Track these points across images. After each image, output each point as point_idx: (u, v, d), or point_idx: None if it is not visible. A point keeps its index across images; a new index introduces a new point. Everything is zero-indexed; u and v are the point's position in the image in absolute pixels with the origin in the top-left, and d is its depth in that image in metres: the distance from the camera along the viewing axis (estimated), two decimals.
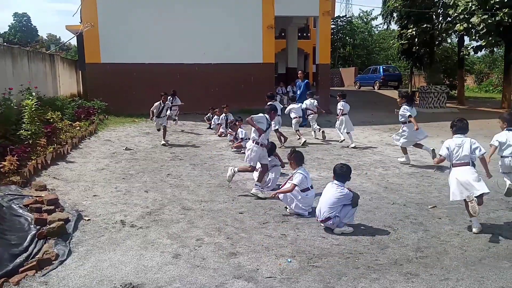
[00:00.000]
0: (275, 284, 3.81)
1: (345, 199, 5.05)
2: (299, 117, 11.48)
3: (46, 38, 58.83)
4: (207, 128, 13.57)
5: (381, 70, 32.17)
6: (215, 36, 16.81)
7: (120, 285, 3.77)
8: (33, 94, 9.98)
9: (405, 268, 4.12)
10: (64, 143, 9.21)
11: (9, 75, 11.46)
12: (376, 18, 51.02)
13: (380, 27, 50.25)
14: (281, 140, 10.43)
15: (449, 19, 21.45)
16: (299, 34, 27.80)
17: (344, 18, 45.37)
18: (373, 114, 17.32)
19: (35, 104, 8.70)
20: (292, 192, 5.58)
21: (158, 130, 11.28)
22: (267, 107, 6.99)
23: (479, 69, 38.17)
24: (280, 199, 5.72)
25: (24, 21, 56.73)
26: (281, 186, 5.96)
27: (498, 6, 17.64)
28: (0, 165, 6.50)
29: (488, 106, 22.36)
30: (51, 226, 4.71)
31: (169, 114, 12.30)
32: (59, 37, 62.47)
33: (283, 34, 26.92)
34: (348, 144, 10.50)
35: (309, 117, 11.83)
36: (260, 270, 4.07)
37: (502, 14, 17.32)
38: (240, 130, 10.29)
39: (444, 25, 22.96)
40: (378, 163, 8.74)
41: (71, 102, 13.87)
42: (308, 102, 11.68)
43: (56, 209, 5.40)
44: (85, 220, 5.29)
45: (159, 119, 10.93)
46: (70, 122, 11.26)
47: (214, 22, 16.74)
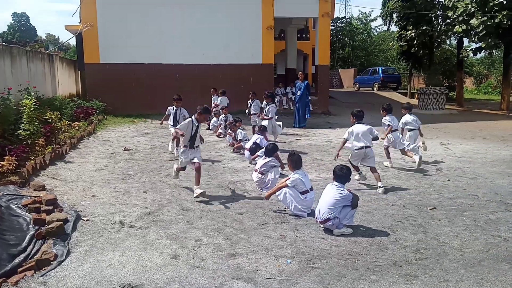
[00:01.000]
0: (275, 285, 3.80)
1: (345, 201, 5.04)
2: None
3: (45, 38, 58.82)
4: (206, 129, 13.55)
5: (380, 72, 32.19)
6: (215, 37, 16.81)
7: (119, 286, 3.75)
8: (32, 94, 9.95)
9: (405, 270, 4.12)
10: (63, 143, 9.19)
11: (8, 75, 11.44)
12: (375, 20, 51.25)
13: (379, 29, 50.37)
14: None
15: (449, 21, 21.52)
16: (299, 35, 27.80)
17: (344, 20, 45.41)
18: (372, 116, 17.32)
19: (34, 104, 8.67)
20: (291, 194, 5.57)
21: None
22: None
23: (478, 71, 38.30)
24: (280, 200, 5.72)
25: (23, 21, 56.80)
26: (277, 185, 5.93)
27: (498, 8, 17.71)
28: None
29: (487, 108, 22.43)
30: (50, 227, 4.70)
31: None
32: (58, 37, 62.54)
33: (283, 35, 26.92)
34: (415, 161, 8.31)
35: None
36: (260, 271, 4.06)
37: (501, 16, 17.38)
38: (239, 131, 10.28)
39: (444, 27, 23.04)
40: (377, 165, 8.71)
41: (70, 102, 13.83)
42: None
43: (55, 209, 5.38)
44: (84, 221, 5.28)
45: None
46: (69, 122, 11.22)
47: (214, 23, 16.73)
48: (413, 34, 24.09)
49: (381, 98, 26.85)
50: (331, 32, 34.74)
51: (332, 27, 40.50)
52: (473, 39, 19.41)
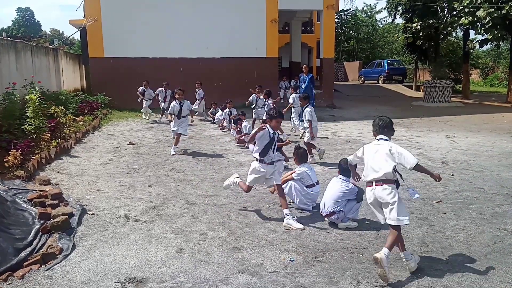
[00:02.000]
0: (279, 279, 3.80)
1: (350, 194, 5.03)
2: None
3: (50, 33, 58.97)
4: (211, 123, 13.56)
5: (386, 64, 31.98)
6: (219, 30, 16.75)
7: (124, 279, 3.77)
8: (37, 89, 9.99)
9: None
10: (68, 138, 9.22)
11: (13, 70, 11.46)
12: (380, 12, 50.77)
13: (385, 21, 49.95)
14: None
15: (454, 13, 21.30)
16: (303, 28, 27.64)
17: (348, 12, 45.04)
18: (377, 109, 17.23)
19: (39, 99, 8.70)
20: (297, 187, 5.56)
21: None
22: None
23: (484, 63, 37.95)
24: (285, 193, 5.70)
25: (28, 16, 56.82)
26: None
27: None
28: (4, 160, 6.52)
29: (493, 100, 22.23)
30: (55, 221, 4.72)
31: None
32: (63, 32, 62.67)
33: (287, 28, 26.78)
34: None
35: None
36: (264, 265, 4.06)
37: (508, 7, 17.16)
38: (244, 125, 10.26)
39: (449, 19, 22.79)
40: None
41: (75, 97, 13.88)
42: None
43: (60, 204, 5.41)
44: (89, 215, 5.30)
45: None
46: (74, 117, 11.26)
47: (218, 16, 16.66)
48: (419, 26, 23.81)
49: (387, 91, 26.73)
50: (336, 25, 34.45)
51: (337, 20, 40.16)
52: (480, 31, 19.19)
